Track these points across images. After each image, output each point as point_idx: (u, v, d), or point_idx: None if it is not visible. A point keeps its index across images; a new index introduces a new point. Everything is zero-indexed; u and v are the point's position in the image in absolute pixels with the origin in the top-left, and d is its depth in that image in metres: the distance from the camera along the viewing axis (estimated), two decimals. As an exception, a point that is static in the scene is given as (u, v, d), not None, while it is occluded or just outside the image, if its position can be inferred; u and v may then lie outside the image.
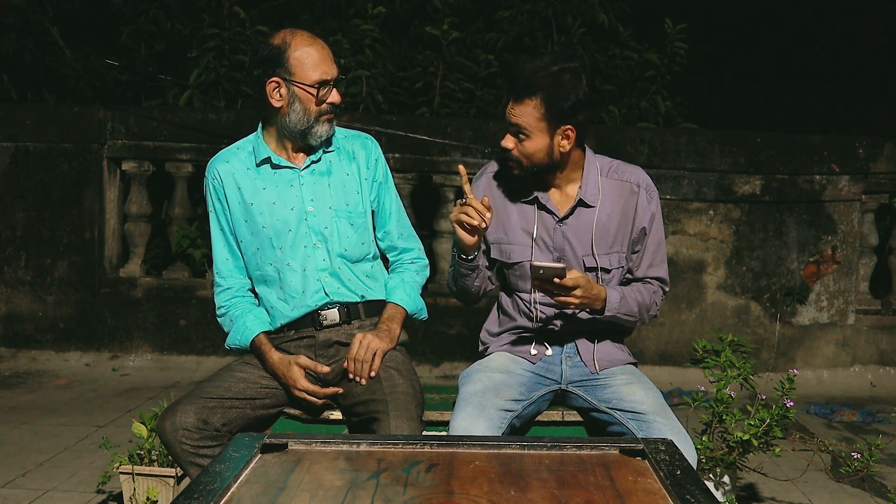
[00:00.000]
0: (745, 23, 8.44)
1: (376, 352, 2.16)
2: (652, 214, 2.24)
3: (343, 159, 2.30)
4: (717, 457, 2.44)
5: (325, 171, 2.27)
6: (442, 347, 4.56)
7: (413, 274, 2.38)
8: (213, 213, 2.30)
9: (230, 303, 2.31)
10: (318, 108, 2.16)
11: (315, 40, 2.16)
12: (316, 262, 2.25)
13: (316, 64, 2.13)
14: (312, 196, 2.24)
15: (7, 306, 4.69)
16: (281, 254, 2.24)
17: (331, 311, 2.26)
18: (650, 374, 2.57)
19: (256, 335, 2.24)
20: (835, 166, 4.63)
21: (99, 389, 4.19)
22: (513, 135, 2.12)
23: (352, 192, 2.28)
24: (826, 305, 4.68)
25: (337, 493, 1.29)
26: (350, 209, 2.27)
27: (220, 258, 2.31)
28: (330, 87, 2.16)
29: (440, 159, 4.59)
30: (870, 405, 4.24)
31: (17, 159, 4.65)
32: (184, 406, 2.04)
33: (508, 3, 5.59)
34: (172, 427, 2.01)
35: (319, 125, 2.18)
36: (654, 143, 4.62)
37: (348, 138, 2.34)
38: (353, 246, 2.28)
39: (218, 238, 2.30)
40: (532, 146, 2.12)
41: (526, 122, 2.09)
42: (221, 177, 2.25)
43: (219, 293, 2.33)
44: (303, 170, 2.25)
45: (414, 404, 2.08)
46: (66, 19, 5.85)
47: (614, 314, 2.16)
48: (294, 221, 2.23)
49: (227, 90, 5.21)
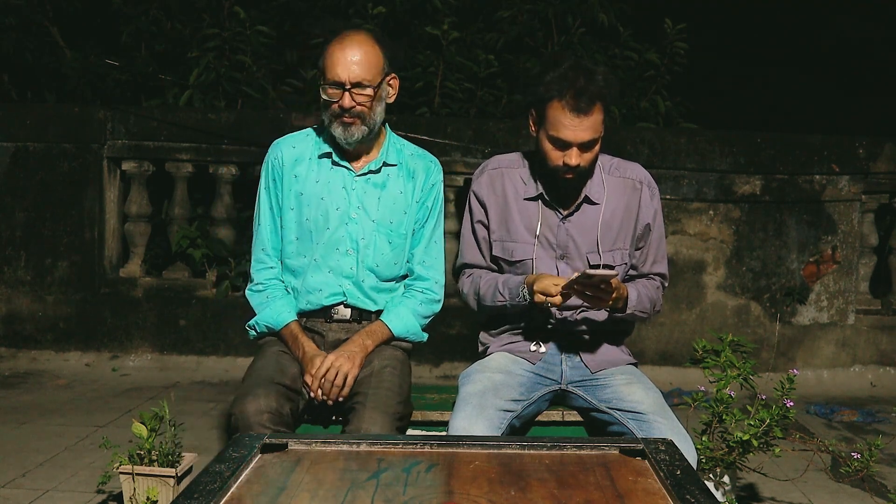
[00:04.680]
0: (745, 23, 8.44)
1: (347, 375, 2.13)
2: (655, 211, 2.25)
3: (402, 176, 2.30)
4: (717, 457, 2.44)
5: (380, 183, 2.27)
6: (442, 347, 4.56)
7: (416, 303, 2.34)
8: (265, 192, 2.31)
9: (270, 282, 2.31)
10: (329, 109, 2.17)
11: (343, 41, 2.15)
12: (343, 268, 2.25)
13: (333, 64, 2.14)
14: (360, 203, 2.25)
15: (7, 306, 4.69)
16: (315, 249, 2.25)
17: (344, 308, 2.28)
18: (650, 374, 2.57)
19: (291, 321, 2.25)
20: (835, 166, 4.63)
21: (99, 389, 4.19)
22: (579, 149, 2.07)
23: (399, 211, 2.28)
24: (826, 305, 4.68)
25: (337, 493, 1.29)
26: (392, 227, 2.27)
27: (265, 236, 2.31)
28: (339, 90, 2.14)
29: (440, 159, 4.56)
30: (870, 405, 4.24)
31: (17, 159, 4.65)
32: (263, 390, 2.02)
33: (508, 3, 5.59)
34: (258, 410, 1.97)
35: (335, 127, 2.18)
36: (654, 143, 4.62)
37: (415, 156, 2.35)
38: (385, 263, 2.28)
39: (266, 216, 2.31)
40: (598, 148, 2.13)
41: (597, 131, 2.07)
42: (283, 159, 2.27)
43: (260, 269, 2.33)
44: (358, 175, 2.25)
45: (394, 401, 2.08)
46: (66, 19, 5.85)
47: (634, 311, 2.17)
48: (335, 222, 2.24)
49: (227, 90, 5.21)
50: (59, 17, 5.80)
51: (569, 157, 2.07)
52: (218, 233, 4.69)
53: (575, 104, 2.02)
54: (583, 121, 2.03)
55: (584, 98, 2.01)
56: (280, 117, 4.54)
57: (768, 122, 7.21)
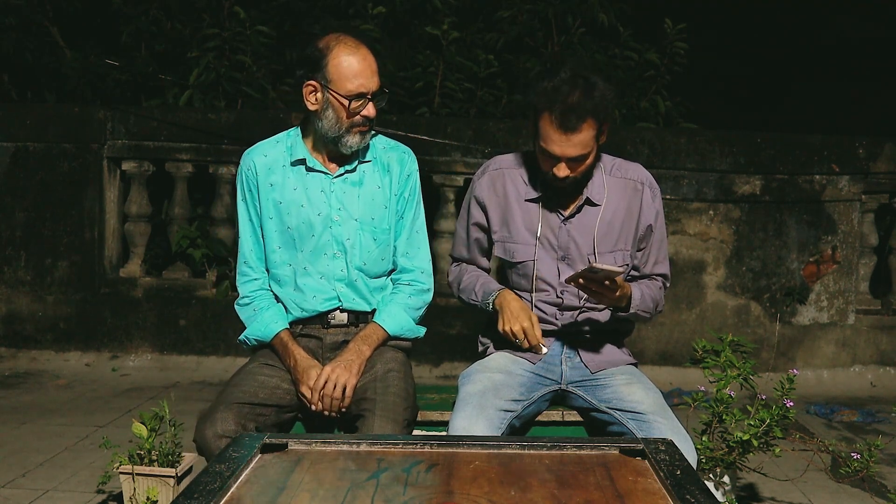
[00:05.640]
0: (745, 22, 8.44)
1: (346, 386, 2.11)
2: (657, 212, 2.25)
3: (377, 171, 2.27)
4: (717, 457, 2.44)
5: (357, 181, 2.24)
6: (442, 347, 4.56)
7: (405, 297, 2.31)
8: (242, 203, 2.29)
9: (256, 294, 2.30)
10: (349, 119, 2.12)
11: (358, 49, 2.10)
12: (334, 272, 2.24)
13: (355, 75, 2.08)
14: (340, 205, 2.22)
15: (7, 306, 4.69)
16: (301, 257, 2.23)
17: (340, 314, 2.26)
18: (650, 374, 2.57)
19: (280, 331, 2.23)
20: (835, 166, 4.63)
21: (99, 389, 4.19)
22: (567, 163, 2.06)
23: (379, 205, 2.26)
24: (826, 305, 4.68)
25: (337, 493, 1.29)
26: (375, 224, 2.25)
27: (247, 248, 2.30)
28: (366, 101, 2.11)
29: (440, 159, 4.59)
30: (870, 405, 4.24)
31: (17, 159, 4.65)
32: (222, 414, 2.00)
33: (508, 3, 5.59)
34: (215, 435, 1.97)
35: (350, 136, 2.14)
36: (654, 143, 4.62)
37: (387, 149, 2.30)
38: (372, 261, 2.27)
39: (246, 228, 2.30)
40: (591, 160, 2.11)
41: (586, 147, 2.05)
42: (257, 169, 2.24)
43: (245, 282, 2.32)
44: (335, 177, 2.23)
45: (402, 407, 2.05)
46: (66, 19, 5.85)
47: (637, 310, 2.17)
48: (319, 227, 2.22)
49: (227, 90, 5.21)
50: (59, 17, 5.80)
51: (558, 170, 2.06)
52: (218, 233, 4.69)
53: (562, 121, 1.99)
54: (570, 138, 2.01)
55: (573, 116, 1.98)
56: (280, 117, 4.54)
57: (768, 122, 7.21)
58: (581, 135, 2.01)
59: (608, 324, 2.27)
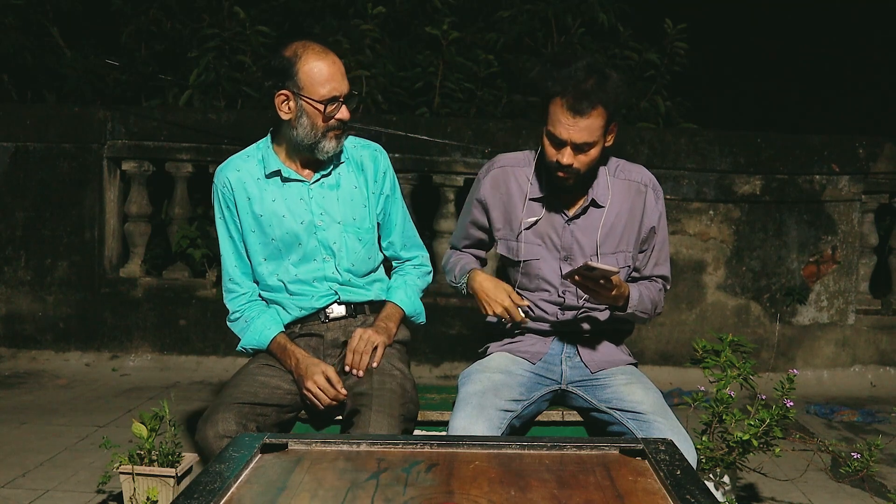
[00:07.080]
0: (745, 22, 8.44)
1: (377, 345, 2.17)
2: (660, 214, 2.25)
3: (352, 171, 2.29)
4: (717, 457, 2.44)
5: (334, 184, 2.26)
6: (442, 347, 4.56)
7: (415, 277, 2.40)
8: (221, 220, 2.29)
9: (244, 308, 2.30)
10: (325, 123, 2.14)
11: (327, 54, 2.12)
12: (325, 275, 2.26)
13: (326, 79, 2.10)
14: (321, 210, 2.24)
15: (7, 306, 4.69)
16: (291, 266, 2.24)
17: (338, 306, 2.29)
18: (650, 374, 2.57)
19: (276, 335, 2.23)
20: (835, 166, 4.63)
21: (99, 389, 4.19)
22: (573, 149, 2.05)
23: (359, 205, 2.28)
24: (826, 305, 4.68)
25: (337, 493, 1.29)
26: (357, 224, 2.27)
27: (230, 265, 2.30)
28: (339, 104, 2.14)
29: (440, 159, 4.59)
30: (870, 405, 4.24)
31: (17, 159, 4.65)
32: (223, 414, 2.01)
33: (508, 3, 5.59)
34: (216, 436, 1.98)
35: (326, 141, 2.16)
36: (654, 143, 4.62)
37: (357, 148, 2.33)
38: (360, 261, 2.29)
39: (227, 245, 2.29)
40: (595, 153, 2.09)
41: (592, 135, 2.04)
42: (232, 185, 2.24)
43: (232, 299, 2.32)
44: (312, 183, 2.24)
45: (398, 403, 2.07)
46: (66, 19, 5.85)
47: (634, 311, 2.17)
48: (304, 235, 2.23)
49: (227, 90, 5.21)
50: (59, 17, 5.80)
51: (562, 156, 2.06)
52: (218, 233, 4.69)
53: (574, 103, 2.00)
54: (578, 122, 2.01)
55: (584, 100, 1.99)
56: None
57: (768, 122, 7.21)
58: (589, 120, 2.02)
59: (608, 324, 2.27)
